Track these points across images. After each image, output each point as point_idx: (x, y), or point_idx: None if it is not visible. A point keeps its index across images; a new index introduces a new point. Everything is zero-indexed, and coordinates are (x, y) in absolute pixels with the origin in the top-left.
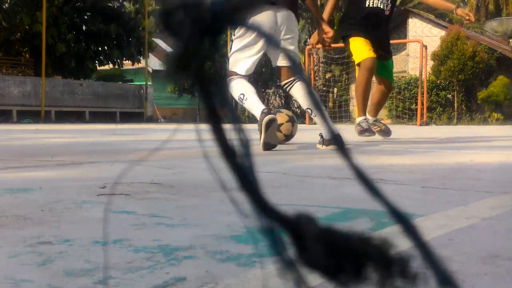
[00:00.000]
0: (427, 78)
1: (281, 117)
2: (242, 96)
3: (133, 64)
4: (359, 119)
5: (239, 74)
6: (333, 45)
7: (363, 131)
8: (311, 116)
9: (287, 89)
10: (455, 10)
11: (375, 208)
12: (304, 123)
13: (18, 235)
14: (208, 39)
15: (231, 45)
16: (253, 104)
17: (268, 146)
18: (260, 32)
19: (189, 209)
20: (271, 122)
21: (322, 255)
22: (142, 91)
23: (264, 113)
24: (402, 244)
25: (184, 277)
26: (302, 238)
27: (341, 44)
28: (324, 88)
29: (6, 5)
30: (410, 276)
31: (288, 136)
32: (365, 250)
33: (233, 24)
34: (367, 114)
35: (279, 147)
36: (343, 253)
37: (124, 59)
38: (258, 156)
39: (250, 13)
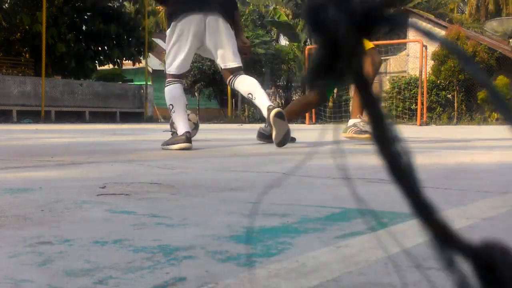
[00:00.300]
0: (427, 78)
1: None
2: (171, 107)
3: (133, 64)
4: (356, 121)
5: (175, 75)
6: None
7: (363, 132)
8: (252, 100)
9: (231, 85)
10: None
11: (375, 208)
12: (304, 123)
13: (18, 235)
14: (360, 39)
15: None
16: (179, 120)
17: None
18: (429, 35)
19: (189, 209)
20: (184, 149)
21: None
22: (142, 91)
23: (186, 138)
24: None
25: (184, 277)
26: (494, 269)
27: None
28: None
29: (6, 5)
30: None
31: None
32: None
33: (387, 24)
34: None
35: (283, 149)
36: None
37: (124, 59)
38: (257, 156)
39: (400, 10)
